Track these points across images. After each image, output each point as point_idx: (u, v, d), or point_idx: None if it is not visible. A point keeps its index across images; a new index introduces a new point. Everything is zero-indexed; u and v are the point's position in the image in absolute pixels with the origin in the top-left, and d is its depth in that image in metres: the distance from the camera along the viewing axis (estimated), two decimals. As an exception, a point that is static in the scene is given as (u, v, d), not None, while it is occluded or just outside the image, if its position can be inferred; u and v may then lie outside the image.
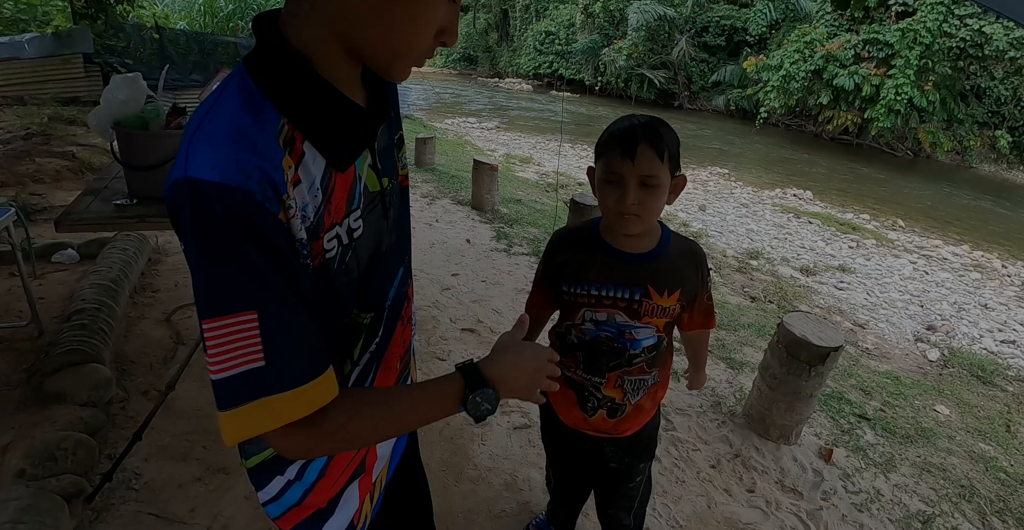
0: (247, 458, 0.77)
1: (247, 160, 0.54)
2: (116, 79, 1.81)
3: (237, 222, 0.53)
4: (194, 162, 0.53)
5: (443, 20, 0.62)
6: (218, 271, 0.54)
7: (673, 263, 1.18)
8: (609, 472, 1.43)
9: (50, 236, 3.55)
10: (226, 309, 0.54)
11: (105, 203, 1.80)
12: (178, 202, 0.53)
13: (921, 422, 2.92)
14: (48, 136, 6.43)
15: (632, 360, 1.22)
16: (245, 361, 0.55)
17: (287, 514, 0.80)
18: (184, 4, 13.61)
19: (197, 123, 0.56)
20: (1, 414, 1.98)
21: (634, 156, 1.04)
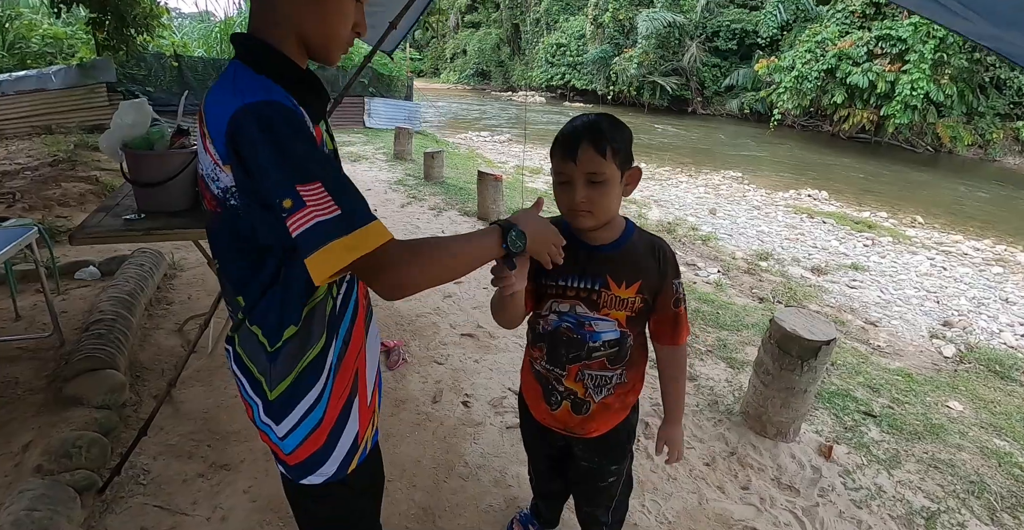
0: (272, 389, 0.94)
1: (277, 92, 0.82)
2: (124, 105, 1.95)
3: (288, 119, 0.78)
4: (244, 96, 0.78)
5: (355, 17, 0.92)
6: (286, 154, 0.76)
7: (632, 254, 1.21)
8: (581, 471, 1.45)
9: (74, 255, 3.74)
10: (302, 178, 0.75)
11: (116, 218, 1.93)
12: (242, 120, 0.77)
13: (931, 418, 2.87)
14: (73, 162, 6.74)
15: (591, 353, 1.24)
16: (326, 212, 0.75)
17: (306, 441, 0.98)
18: (201, 32, 14.16)
19: (229, 90, 0.81)
20: (23, 416, 2.12)
21: (575, 156, 1.10)
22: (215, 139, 0.81)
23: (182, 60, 10.97)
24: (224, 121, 0.78)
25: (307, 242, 0.74)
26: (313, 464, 1.01)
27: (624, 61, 24.65)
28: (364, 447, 1.09)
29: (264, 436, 1.01)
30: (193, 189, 2.01)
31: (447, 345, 3.04)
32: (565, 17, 29.93)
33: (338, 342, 0.99)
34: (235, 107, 0.77)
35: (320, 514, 1.12)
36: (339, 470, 1.04)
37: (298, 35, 0.89)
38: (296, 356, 0.93)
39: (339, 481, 1.05)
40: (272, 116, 0.77)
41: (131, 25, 8.25)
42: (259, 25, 0.88)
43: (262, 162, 0.76)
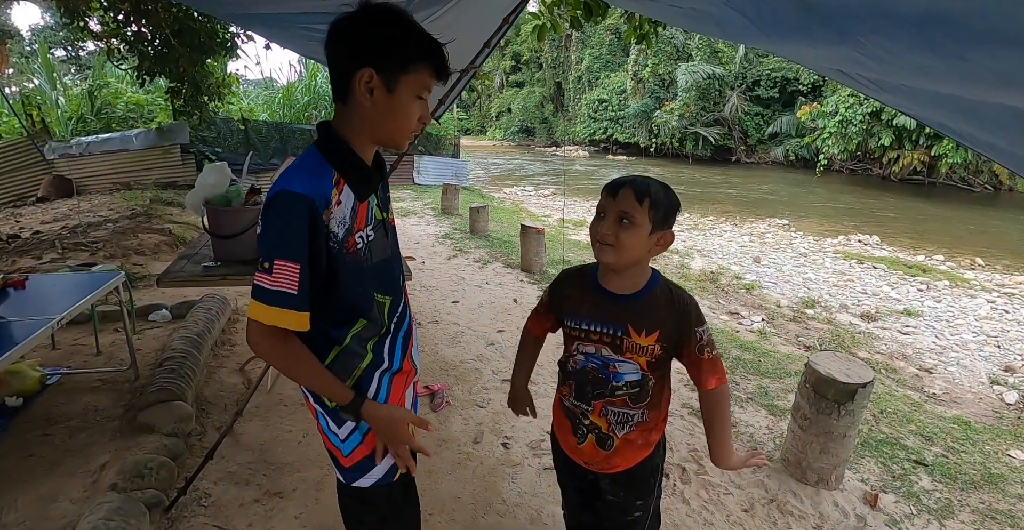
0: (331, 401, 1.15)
1: (314, 186, 1.03)
2: (207, 167, 2.25)
3: (303, 212, 1.01)
4: (287, 184, 1.02)
5: (419, 112, 1.12)
6: (279, 236, 1.00)
7: (651, 306, 1.29)
8: (608, 505, 1.51)
9: (148, 299, 4.11)
10: (286, 256, 1.00)
11: (196, 265, 2.19)
12: (271, 201, 1.02)
13: (990, 468, 2.75)
14: (149, 215, 7.39)
15: (614, 391, 1.32)
16: (288, 286, 0.99)
17: (362, 444, 1.19)
18: (266, 98, 15.41)
19: (289, 170, 1.07)
20: (101, 440, 2.35)
21: (616, 195, 1.25)
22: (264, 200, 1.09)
23: (248, 124, 11.98)
24: (270, 195, 1.04)
25: (253, 291, 1.02)
26: (364, 467, 1.19)
27: (665, 114, 25.15)
28: None
29: (327, 441, 1.20)
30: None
31: (488, 390, 3.14)
32: (606, 74, 30.98)
33: (390, 361, 1.21)
34: (277, 189, 1.03)
35: (369, 520, 1.27)
36: (387, 475, 1.21)
37: (371, 134, 1.11)
38: (348, 367, 1.15)
39: (386, 485, 1.21)
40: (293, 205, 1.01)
41: (205, 93, 9.16)
42: (339, 120, 1.11)
43: (265, 233, 1.03)
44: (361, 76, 1.03)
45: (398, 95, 1.06)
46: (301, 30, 2.44)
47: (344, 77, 1.06)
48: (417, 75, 1.07)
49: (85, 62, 20.03)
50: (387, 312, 1.22)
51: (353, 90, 1.05)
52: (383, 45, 1.03)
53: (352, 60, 1.04)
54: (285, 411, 2.71)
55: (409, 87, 1.07)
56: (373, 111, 1.07)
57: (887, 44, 0.67)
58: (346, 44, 1.05)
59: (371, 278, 1.16)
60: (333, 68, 1.08)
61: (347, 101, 1.08)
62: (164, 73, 7.68)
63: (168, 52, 7.25)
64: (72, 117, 10.94)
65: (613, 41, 30.91)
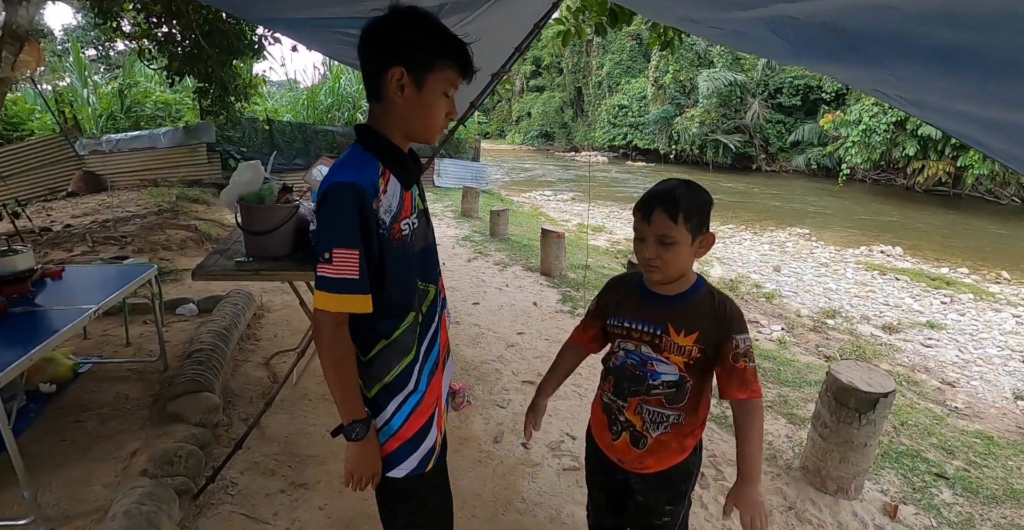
0: (369, 390, 1.21)
1: (362, 176, 1.11)
2: (242, 165, 2.31)
3: (353, 200, 1.07)
4: (338, 176, 1.10)
5: (446, 108, 1.20)
6: (337, 225, 1.07)
7: (692, 308, 1.32)
8: (638, 506, 1.52)
9: (175, 293, 4.21)
10: (344, 244, 1.06)
11: (228, 260, 2.26)
12: (327, 192, 1.08)
13: (1013, 483, 2.71)
14: (176, 212, 7.55)
15: (650, 390, 1.35)
16: (349, 272, 1.07)
17: (395, 435, 1.23)
18: (290, 99, 15.64)
19: (338, 164, 1.15)
20: (131, 428, 2.42)
21: (650, 219, 1.26)
22: (315, 197, 1.13)
23: (273, 124, 12.18)
24: (322, 189, 1.11)
25: (316, 282, 1.09)
26: (399, 457, 1.23)
27: (686, 120, 25.02)
28: (439, 452, 1.32)
29: None
30: (294, 238, 2.32)
31: (509, 390, 3.18)
32: (627, 79, 30.92)
33: (428, 356, 1.26)
34: (329, 182, 1.10)
35: (402, 510, 1.32)
36: (419, 466, 1.25)
37: (403, 129, 1.19)
38: (387, 365, 1.20)
39: (419, 475, 1.26)
40: (346, 195, 1.08)
41: (232, 93, 9.34)
42: (375, 118, 1.20)
43: (324, 224, 1.10)
44: (392, 74, 1.11)
45: (427, 92, 1.14)
46: (332, 34, 2.50)
47: (377, 76, 1.13)
48: (444, 73, 1.14)
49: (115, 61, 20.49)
50: (429, 302, 1.28)
51: (385, 88, 1.13)
52: (412, 45, 1.11)
53: (384, 60, 1.11)
54: (309, 405, 2.77)
55: (437, 84, 1.15)
56: (404, 107, 1.15)
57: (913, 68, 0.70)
58: (378, 45, 1.13)
59: (415, 265, 1.23)
60: (366, 68, 1.16)
61: (381, 99, 1.16)
62: (193, 73, 7.87)
63: (197, 53, 7.41)
64: (102, 115, 11.22)
65: (634, 47, 30.86)
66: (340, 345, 1.12)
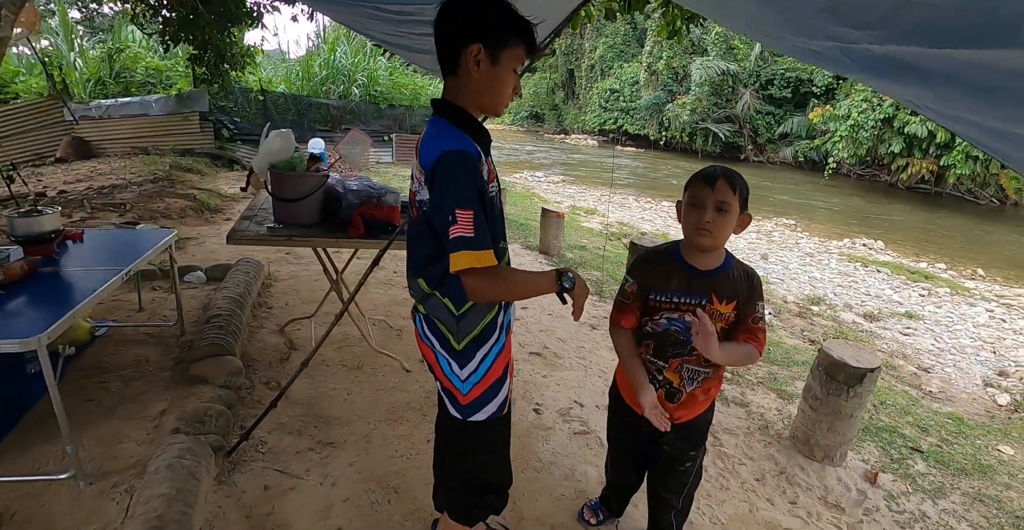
0: (459, 342, 1.33)
1: (467, 143, 1.21)
2: (272, 133, 2.37)
3: (469, 165, 1.18)
4: (446, 146, 1.19)
5: (513, 82, 1.30)
6: (461, 188, 1.16)
7: (732, 279, 1.50)
8: (662, 455, 1.70)
9: (181, 261, 4.24)
10: (463, 205, 1.16)
11: (259, 226, 2.34)
12: (442, 160, 1.17)
13: (980, 459, 2.93)
14: (171, 181, 7.48)
15: (692, 351, 1.51)
16: (468, 230, 1.15)
17: (479, 383, 1.35)
18: (284, 70, 15.38)
19: (437, 138, 1.23)
20: (156, 389, 2.51)
21: (714, 185, 1.41)
22: (424, 167, 1.23)
23: (267, 95, 12.00)
24: (433, 157, 1.19)
25: (451, 245, 1.16)
26: (482, 402, 1.37)
27: (677, 107, 25.10)
28: (510, 396, 1.48)
29: (446, 382, 1.37)
30: (321, 206, 2.40)
31: (517, 361, 3.30)
32: (619, 64, 30.80)
33: (509, 310, 1.40)
34: (441, 150, 1.19)
35: (480, 450, 1.47)
36: (498, 410, 1.40)
37: (476, 101, 1.30)
38: (478, 318, 1.32)
39: (499, 418, 1.41)
40: (461, 160, 1.18)
41: (227, 61, 9.17)
42: (452, 94, 1.30)
43: (443, 189, 1.18)
44: (471, 51, 1.20)
45: (500, 68, 1.24)
46: (364, 9, 2.54)
47: (455, 51, 1.23)
48: (515, 50, 1.25)
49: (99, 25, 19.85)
50: (506, 260, 1.40)
51: (463, 63, 1.22)
52: (489, 23, 1.21)
53: (463, 36, 1.21)
54: (328, 371, 2.87)
55: (508, 61, 1.25)
56: (480, 81, 1.24)
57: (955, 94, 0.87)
58: (458, 23, 1.22)
59: (499, 226, 1.35)
60: (443, 44, 1.25)
61: (457, 73, 1.25)
62: (187, 39, 7.70)
63: (193, 18, 7.24)
64: (91, 80, 10.94)
65: (628, 31, 30.69)
66: (499, 283, 1.21)
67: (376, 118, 13.51)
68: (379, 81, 14.77)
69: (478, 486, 1.53)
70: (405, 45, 3.06)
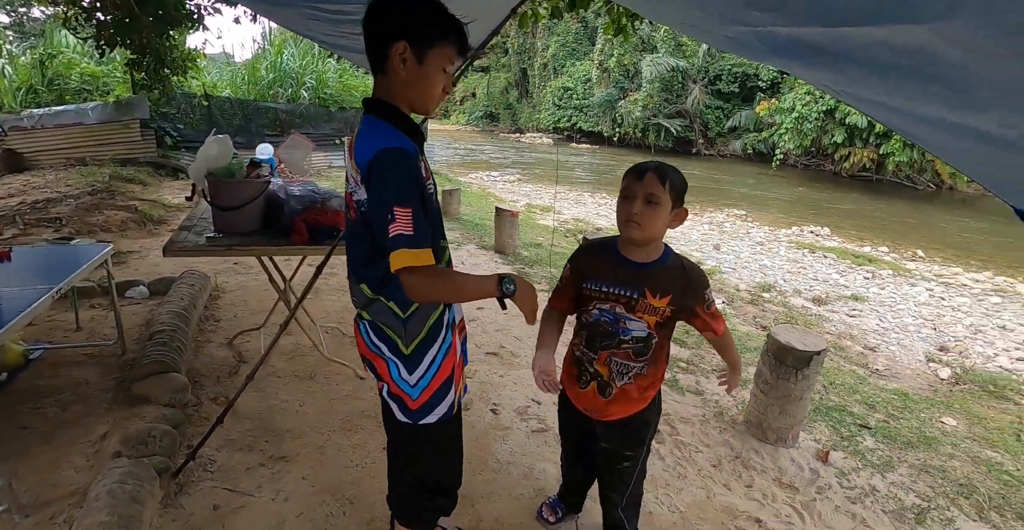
0: (407, 346, 1.31)
1: (403, 140, 1.19)
2: (209, 139, 2.29)
3: (408, 163, 1.16)
4: (382, 143, 1.16)
5: (443, 82, 1.28)
6: (400, 186, 1.14)
7: (666, 273, 1.49)
8: (601, 451, 1.71)
9: (121, 276, 4.06)
10: (402, 203, 1.12)
11: (198, 236, 2.24)
12: (379, 158, 1.14)
13: (925, 431, 3.07)
14: (111, 192, 7.15)
15: (620, 344, 1.52)
16: (408, 228, 1.12)
17: (430, 385, 1.33)
18: (229, 74, 14.88)
19: (372, 135, 1.21)
20: (97, 411, 2.39)
21: (642, 177, 1.42)
22: (360, 166, 1.19)
23: (211, 100, 11.60)
24: (369, 155, 1.16)
25: (391, 244, 1.13)
26: (432, 405, 1.35)
27: (629, 104, 25.52)
28: (460, 394, 1.46)
29: (395, 388, 1.34)
30: (263, 213, 2.33)
31: (474, 362, 3.28)
32: (572, 62, 31.08)
33: (449, 307, 1.37)
34: (378, 148, 1.16)
35: (426, 453, 1.44)
36: (448, 411, 1.38)
37: (406, 101, 1.27)
38: (423, 318, 1.31)
39: (449, 419, 1.39)
40: (398, 158, 1.16)
41: (167, 66, 8.80)
42: (382, 92, 1.27)
43: (381, 187, 1.15)
44: (397, 49, 1.19)
45: (428, 66, 1.22)
46: (304, 10, 2.47)
47: (382, 49, 1.21)
48: (443, 50, 1.23)
49: (29, 30, 18.81)
50: (446, 258, 1.38)
51: (390, 61, 1.21)
52: (416, 22, 1.19)
53: (389, 34, 1.19)
54: (279, 382, 2.79)
55: (436, 60, 1.23)
56: (406, 80, 1.23)
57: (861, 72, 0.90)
58: (384, 20, 1.20)
59: (436, 224, 1.33)
60: (372, 42, 1.23)
61: (385, 71, 1.23)
62: (125, 44, 7.35)
63: (130, 22, 6.93)
64: (21, 88, 10.35)
65: (579, 29, 31.03)
66: (437, 282, 1.18)
67: (327, 121, 13.23)
68: (328, 84, 14.48)
69: (428, 489, 1.51)
70: (345, 46, 2.99)
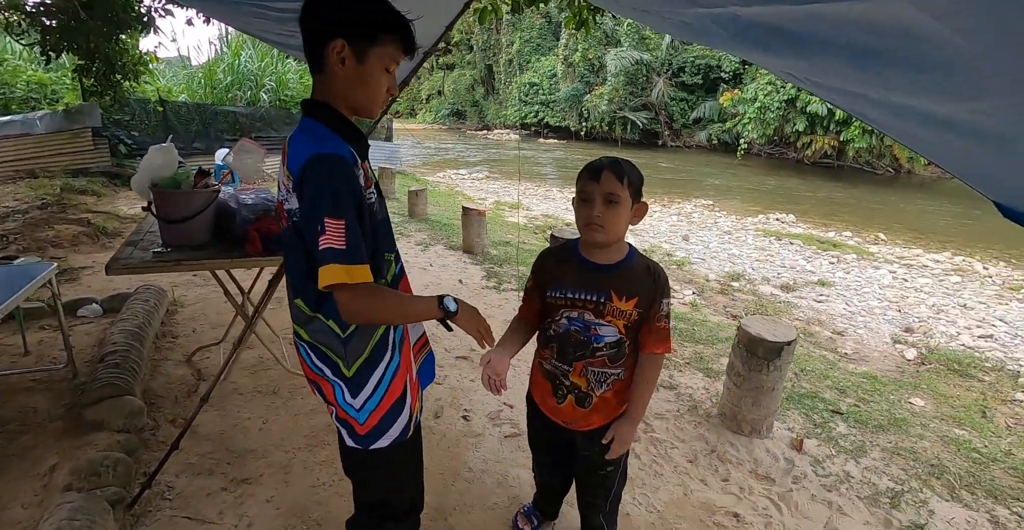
0: (349, 368, 1.21)
1: (339, 145, 1.12)
2: (152, 148, 2.16)
3: (343, 170, 1.07)
4: (316, 148, 1.07)
5: (387, 83, 1.20)
6: (333, 195, 1.04)
7: (632, 274, 1.43)
8: (581, 459, 1.65)
9: (73, 293, 3.87)
10: (335, 214, 1.04)
11: (144, 251, 2.12)
12: (311, 164, 1.05)
13: (895, 413, 3.12)
14: (63, 205, 6.84)
15: (595, 352, 1.45)
16: (339, 242, 1.03)
17: (378, 407, 1.24)
18: (185, 77, 14.42)
19: (306, 140, 1.12)
20: (46, 441, 2.24)
21: (599, 178, 1.34)
22: (292, 172, 1.10)
23: (167, 105, 11.22)
24: (301, 161, 1.07)
25: (320, 258, 1.04)
26: (382, 428, 1.26)
27: (595, 98, 25.64)
28: (416, 416, 1.36)
29: (340, 412, 1.25)
30: (213, 224, 2.22)
31: (443, 367, 3.21)
32: (537, 58, 31.09)
33: (398, 326, 1.27)
34: (311, 153, 1.07)
35: (378, 477, 1.35)
36: (402, 433, 1.29)
37: (346, 103, 1.18)
38: (365, 339, 1.21)
39: (402, 442, 1.29)
40: (332, 166, 1.07)
41: (118, 71, 8.45)
42: (321, 93, 1.18)
43: (313, 195, 1.05)
44: (334, 47, 1.10)
45: (368, 66, 1.14)
46: (249, 7, 2.36)
47: (318, 48, 1.12)
48: (386, 48, 1.14)
49: (-34, 37, 17.90)
50: (392, 272, 1.30)
51: (327, 60, 1.12)
52: (355, 18, 1.11)
53: (326, 32, 1.11)
54: (241, 399, 2.68)
55: (378, 59, 1.14)
56: (345, 81, 1.14)
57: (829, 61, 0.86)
58: (320, 16, 1.12)
59: (381, 236, 1.24)
60: (307, 40, 1.14)
61: (322, 71, 1.15)
62: (72, 49, 7.04)
63: (76, 26, 6.61)
64: (-39, 98, 9.85)
65: (544, 25, 31.04)
66: (373, 302, 1.10)
67: (288, 124, 12.92)
68: (289, 85, 14.18)
69: (378, 515, 1.41)
70: (295, 45, 2.88)
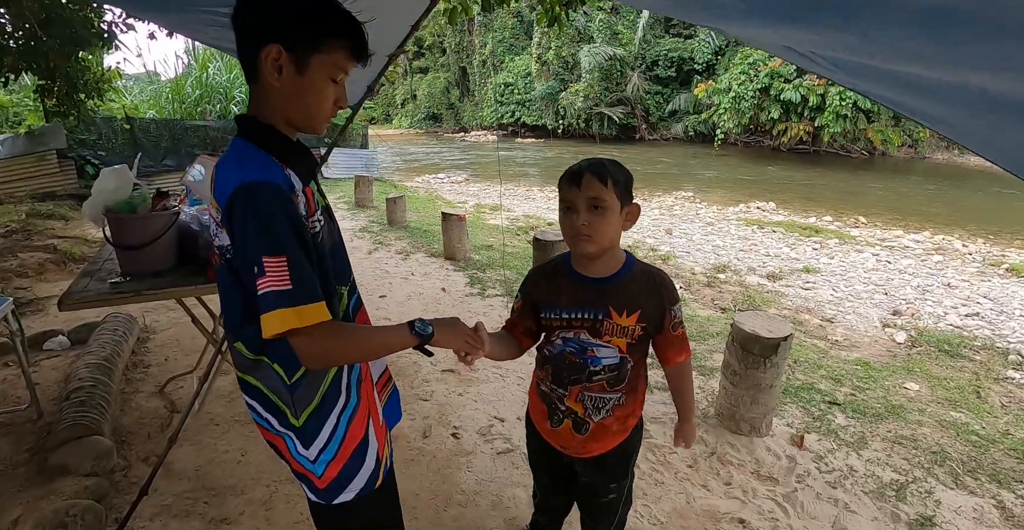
0: (297, 417, 1.05)
1: (273, 171, 0.96)
2: (105, 171, 2.02)
3: (277, 199, 0.92)
4: (245, 175, 0.91)
5: (334, 95, 1.03)
6: (268, 230, 0.89)
7: (633, 285, 1.29)
8: (583, 486, 1.54)
9: (39, 326, 3.69)
10: (273, 251, 0.89)
11: (101, 282, 1.98)
12: (239, 195, 0.90)
13: (891, 400, 3.07)
14: (28, 232, 6.60)
15: (592, 376, 1.32)
16: (283, 282, 0.89)
17: (336, 458, 1.09)
18: (152, 93, 14.10)
19: (235, 165, 0.95)
20: (8, 492, 2.09)
21: (580, 183, 1.21)
22: (220, 203, 0.95)
23: (134, 122, 10.94)
24: (228, 191, 0.92)
25: (262, 303, 0.90)
26: (344, 480, 1.11)
27: (571, 95, 25.63)
28: (386, 463, 1.21)
29: (297, 466, 1.10)
30: (175, 249, 2.09)
31: (430, 382, 3.11)
32: (510, 57, 31.03)
33: (355, 367, 1.13)
34: (238, 182, 0.91)
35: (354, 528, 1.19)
36: (368, 484, 1.14)
37: (285, 118, 1.02)
38: (313, 386, 1.05)
39: (369, 493, 1.14)
40: (264, 196, 0.91)
41: (81, 90, 8.21)
42: (256, 109, 1.02)
43: (244, 231, 0.91)
44: (268, 53, 0.94)
45: (310, 76, 0.98)
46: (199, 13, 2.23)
47: (250, 54, 0.97)
48: (332, 55, 0.98)
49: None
50: (344, 306, 1.16)
51: (260, 69, 0.96)
52: (293, 20, 0.95)
53: (258, 36, 0.95)
54: (218, 431, 2.55)
55: (323, 68, 0.98)
56: (283, 92, 0.98)
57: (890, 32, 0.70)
58: (252, 18, 0.96)
59: (329, 267, 1.09)
60: (240, 45, 0.99)
61: (256, 82, 0.99)
62: (31, 69, 6.83)
63: (35, 45, 6.42)
64: (-83, 124, 9.51)
65: (516, 24, 30.99)
66: (334, 342, 0.96)
67: (261, 137, 12.70)
68: (259, 97, 13.92)
69: None
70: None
